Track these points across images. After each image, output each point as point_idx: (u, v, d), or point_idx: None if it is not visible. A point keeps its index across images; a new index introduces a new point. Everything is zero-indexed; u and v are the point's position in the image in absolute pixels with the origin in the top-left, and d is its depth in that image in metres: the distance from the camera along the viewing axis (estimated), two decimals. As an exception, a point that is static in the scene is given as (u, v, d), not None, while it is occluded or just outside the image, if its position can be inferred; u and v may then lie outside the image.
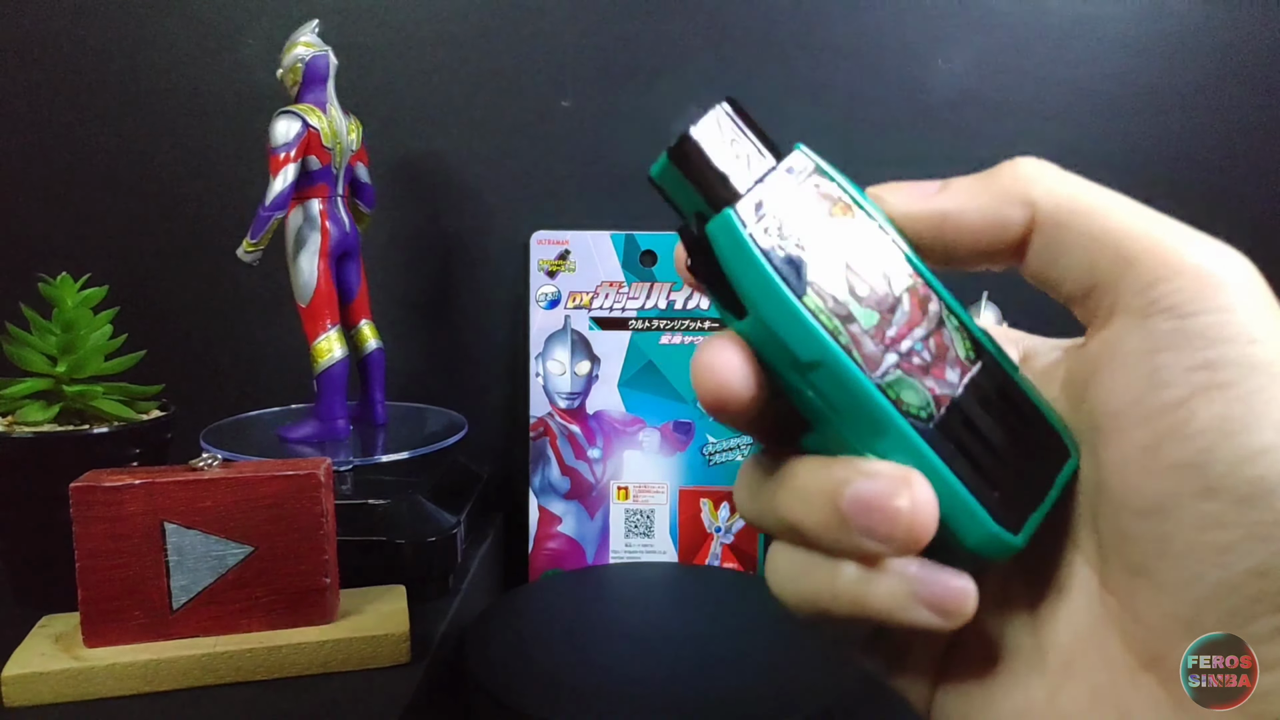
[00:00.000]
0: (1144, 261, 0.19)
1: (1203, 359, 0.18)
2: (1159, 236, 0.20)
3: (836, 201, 0.21)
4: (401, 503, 0.50)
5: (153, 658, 0.39)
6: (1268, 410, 0.18)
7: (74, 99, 0.68)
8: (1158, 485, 0.18)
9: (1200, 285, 0.19)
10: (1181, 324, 0.19)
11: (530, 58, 0.67)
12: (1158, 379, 0.19)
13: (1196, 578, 0.18)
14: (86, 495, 0.38)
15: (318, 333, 0.55)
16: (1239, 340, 0.18)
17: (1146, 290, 0.19)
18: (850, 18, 0.66)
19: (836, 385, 0.20)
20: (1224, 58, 0.65)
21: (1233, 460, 0.17)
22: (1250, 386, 0.18)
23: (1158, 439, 0.18)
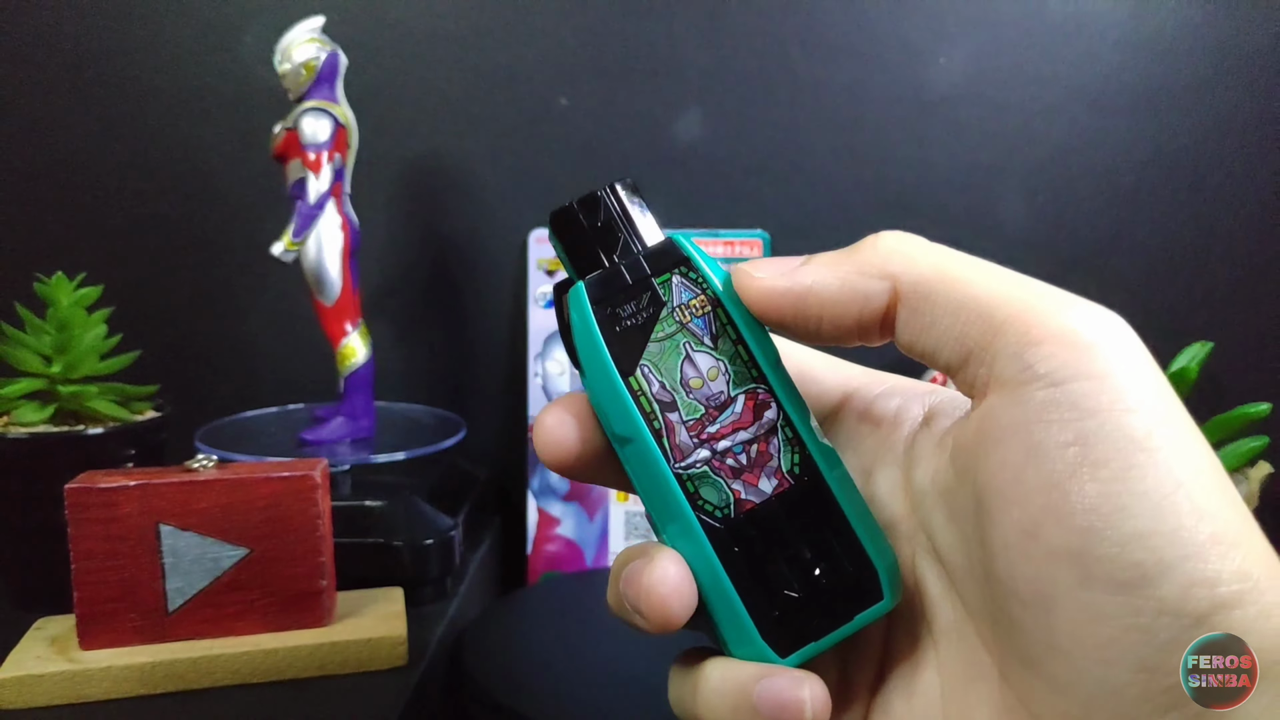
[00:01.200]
0: (1013, 327, 0.18)
1: (1076, 433, 0.17)
2: (1027, 301, 0.19)
3: (698, 295, 0.22)
4: (398, 505, 0.50)
5: (148, 660, 0.39)
6: (1144, 491, 0.17)
7: (69, 97, 0.68)
8: (1039, 572, 0.18)
9: (1072, 350, 0.18)
10: (1054, 392, 0.18)
11: (528, 56, 0.67)
12: (1034, 455, 0.18)
13: (1083, 675, 0.17)
14: (81, 496, 0.38)
15: (342, 334, 0.55)
16: (1114, 410, 0.17)
17: (1018, 357, 0.18)
18: (849, 16, 0.66)
19: (642, 464, 0.21)
20: (1219, 55, 0.65)
21: (1110, 546, 0.17)
22: (1125, 464, 0.17)
23: (1036, 522, 0.18)
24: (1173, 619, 0.16)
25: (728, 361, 0.21)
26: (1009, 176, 0.67)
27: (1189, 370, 0.55)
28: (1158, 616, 0.16)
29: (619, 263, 0.22)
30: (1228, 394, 0.58)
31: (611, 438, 0.21)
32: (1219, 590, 0.16)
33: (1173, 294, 0.67)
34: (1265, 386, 0.61)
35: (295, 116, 0.53)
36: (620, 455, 0.22)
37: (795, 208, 0.68)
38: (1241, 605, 0.16)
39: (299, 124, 0.53)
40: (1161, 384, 0.18)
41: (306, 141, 0.52)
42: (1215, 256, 0.67)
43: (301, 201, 0.52)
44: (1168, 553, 0.16)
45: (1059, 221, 0.67)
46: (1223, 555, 0.16)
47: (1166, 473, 0.17)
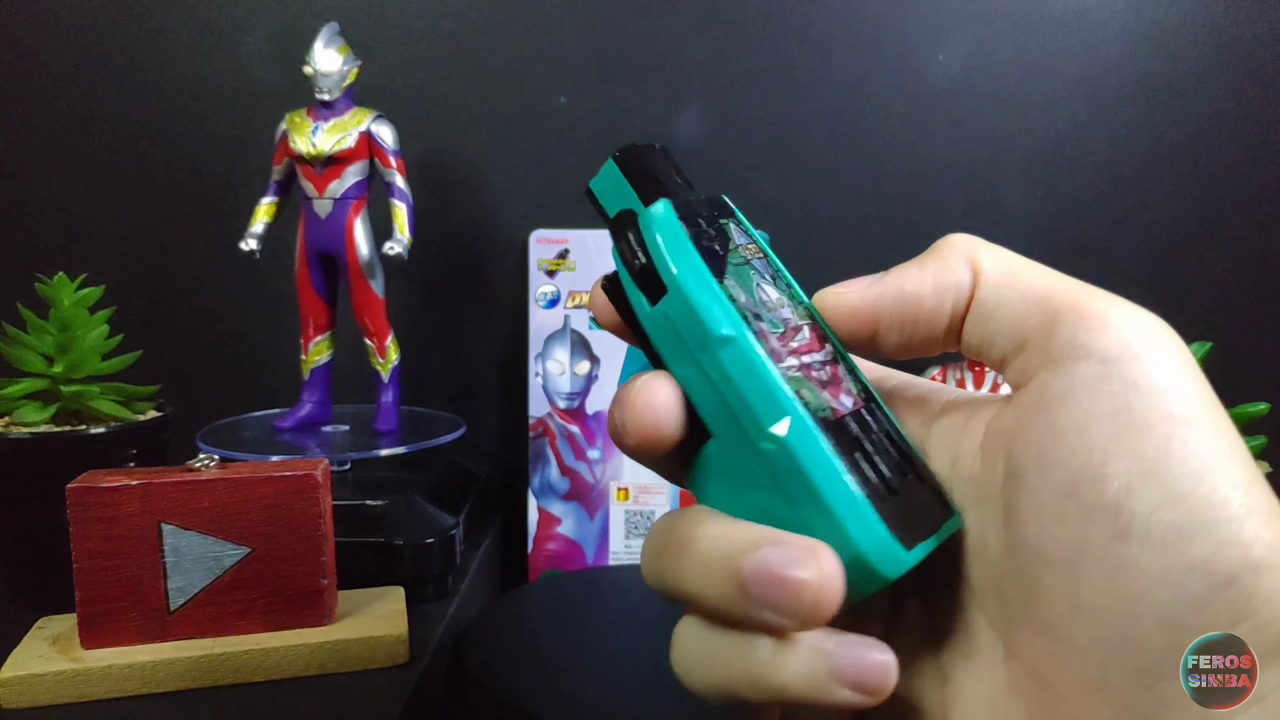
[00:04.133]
0: (1069, 314, 0.20)
1: (1123, 403, 0.18)
2: (1083, 295, 0.20)
3: (751, 242, 0.23)
4: (400, 504, 0.50)
5: (150, 659, 0.39)
6: (1184, 457, 0.18)
7: (71, 98, 0.68)
8: (1073, 530, 0.18)
9: (1123, 335, 0.19)
10: (1105, 368, 0.19)
11: (528, 55, 0.67)
12: (1079, 422, 0.19)
13: (1106, 632, 0.18)
14: (83, 496, 0.38)
15: (388, 329, 0.59)
16: (1158, 391, 0.18)
17: (1073, 338, 0.19)
18: (847, 10, 0.66)
19: (744, 364, 0.20)
20: (1219, 47, 0.65)
21: (1148, 505, 0.17)
22: (1168, 432, 0.18)
23: (1075, 482, 0.18)
24: (1203, 575, 0.17)
25: (787, 298, 0.23)
26: (1009, 169, 0.67)
27: (1188, 369, 0.55)
28: (1188, 572, 0.17)
29: (690, 195, 0.23)
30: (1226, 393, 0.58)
31: (701, 350, 0.20)
32: (1252, 552, 0.17)
33: (1172, 293, 0.67)
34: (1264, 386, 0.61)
35: (367, 123, 0.56)
36: (707, 373, 0.20)
37: (795, 203, 0.68)
38: (1271, 571, 0.17)
39: (377, 131, 0.56)
40: (1200, 377, 0.19)
41: (391, 147, 0.57)
42: (1214, 255, 0.67)
43: (406, 201, 0.57)
44: (1203, 514, 0.17)
45: (1059, 215, 0.67)
46: (1258, 524, 0.17)
47: (1206, 445, 0.18)
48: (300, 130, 0.55)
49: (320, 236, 0.56)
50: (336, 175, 0.55)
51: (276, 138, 0.56)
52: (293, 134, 0.55)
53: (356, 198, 0.56)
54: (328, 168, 0.55)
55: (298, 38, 0.57)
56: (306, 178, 0.55)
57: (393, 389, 0.59)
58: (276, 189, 0.57)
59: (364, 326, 0.58)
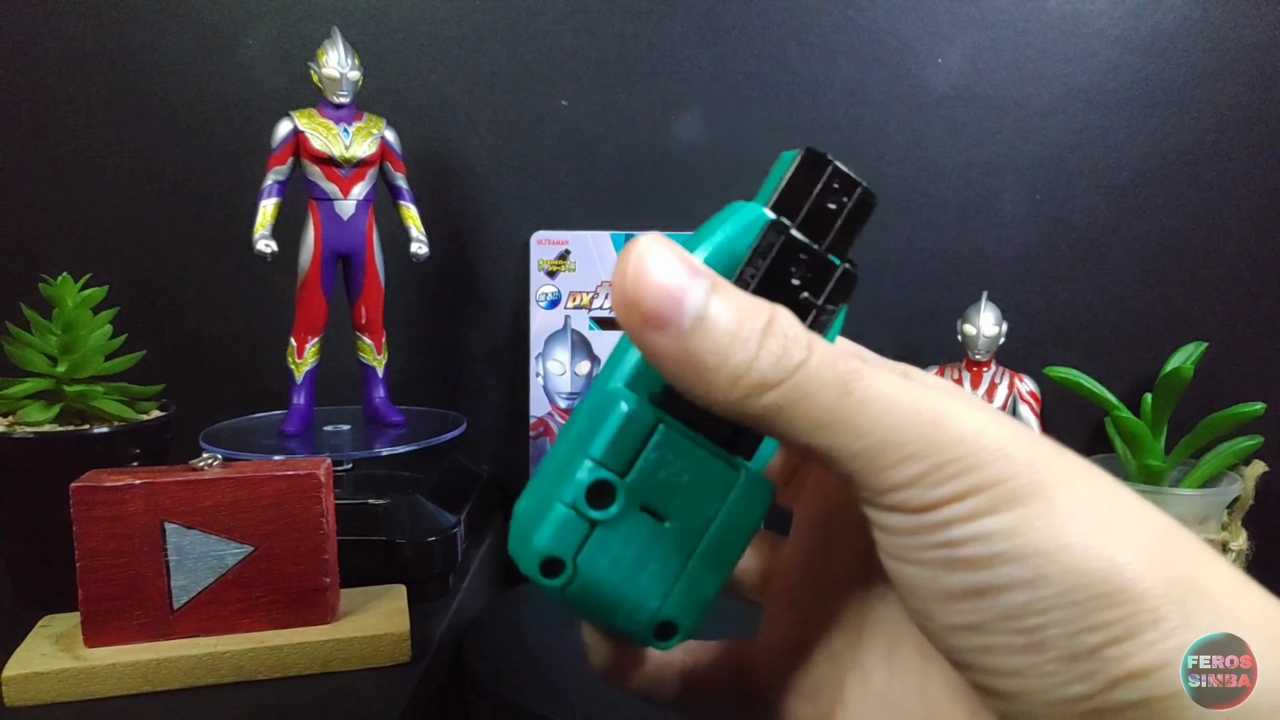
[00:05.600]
0: (864, 475, 0.18)
1: (941, 539, 0.18)
2: (873, 445, 0.18)
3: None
4: (401, 502, 0.50)
5: (153, 657, 0.39)
6: (1014, 571, 0.17)
7: (75, 100, 0.68)
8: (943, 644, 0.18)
9: (921, 488, 0.18)
10: (915, 520, 0.18)
11: (529, 58, 0.67)
12: (910, 559, 0.18)
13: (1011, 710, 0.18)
14: (87, 495, 0.39)
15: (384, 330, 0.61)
16: (976, 516, 0.17)
17: (874, 495, 0.18)
18: (847, 16, 0.66)
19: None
20: (1216, 52, 0.65)
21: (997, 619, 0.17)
22: (992, 552, 0.17)
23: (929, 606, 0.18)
24: (1068, 662, 0.17)
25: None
26: (1007, 175, 0.67)
27: (1184, 370, 0.55)
28: (1053, 664, 0.17)
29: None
30: (1223, 393, 0.58)
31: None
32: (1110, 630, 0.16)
33: (1168, 294, 0.67)
34: (1260, 386, 0.61)
35: (383, 129, 0.57)
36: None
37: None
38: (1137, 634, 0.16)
39: (390, 137, 0.58)
40: (1022, 451, 0.18)
41: (399, 151, 0.59)
42: (1211, 257, 0.67)
43: (414, 201, 0.59)
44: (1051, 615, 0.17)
45: (1057, 219, 0.67)
46: (1106, 604, 0.16)
47: (1034, 550, 0.17)
48: (329, 133, 0.55)
49: (340, 237, 0.57)
50: (361, 178, 0.57)
51: (281, 137, 0.55)
52: (316, 135, 0.55)
53: (372, 199, 0.58)
54: (355, 170, 0.56)
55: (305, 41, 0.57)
56: (330, 179, 0.56)
57: (385, 385, 0.60)
58: (281, 189, 0.56)
59: (368, 325, 0.59)
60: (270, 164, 0.55)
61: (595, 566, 0.20)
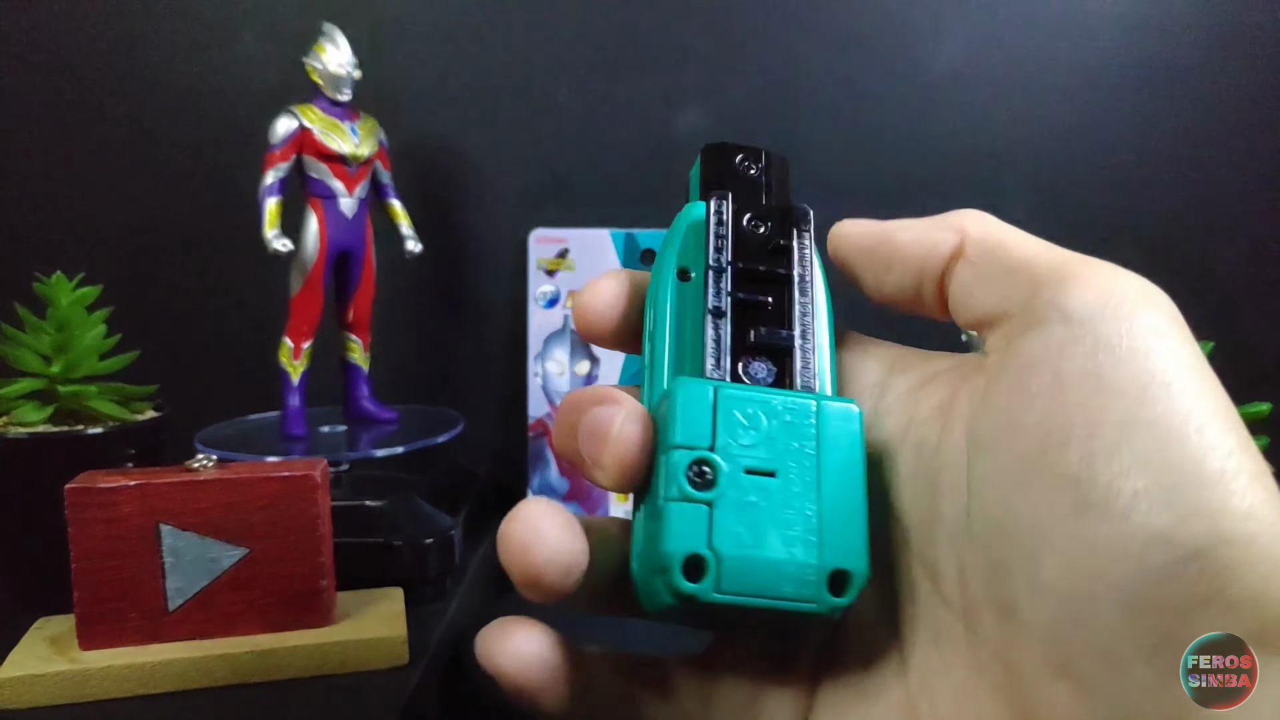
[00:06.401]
0: (1050, 279, 0.19)
1: (1094, 364, 0.17)
2: (1067, 259, 0.20)
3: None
4: (398, 504, 0.50)
5: (149, 660, 0.38)
6: (1153, 420, 0.16)
7: (68, 96, 0.68)
8: (1034, 502, 0.17)
9: (1100, 296, 0.18)
10: (1079, 328, 0.18)
11: (527, 51, 0.67)
12: (1046, 385, 0.18)
13: (1065, 614, 0.17)
14: (81, 496, 0.38)
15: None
16: (1133, 352, 0.17)
17: (1049, 301, 0.19)
18: (847, 2, 0.66)
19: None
20: (1221, 35, 0.65)
21: (1110, 472, 0.16)
22: (1138, 396, 0.17)
23: (1039, 450, 0.17)
24: (1165, 547, 0.16)
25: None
26: (1009, 160, 0.67)
27: (1189, 369, 0.55)
28: (1149, 545, 0.16)
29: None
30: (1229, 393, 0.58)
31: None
32: (1221, 524, 0.15)
33: (1174, 293, 0.67)
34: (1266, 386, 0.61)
35: (378, 129, 0.57)
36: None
37: (795, 196, 0.67)
38: (1245, 544, 0.15)
39: (383, 135, 0.58)
40: (1188, 339, 0.18)
41: (388, 148, 0.59)
42: (1217, 252, 0.67)
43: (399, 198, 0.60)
44: (1169, 479, 0.16)
45: (1060, 205, 0.67)
46: (1229, 491, 0.16)
47: (1180, 406, 0.17)
48: (337, 130, 0.55)
49: (343, 235, 0.56)
50: (364, 176, 0.57)
51: (286, 133, 0.54)
52: (325, 132, 0.54)
53: (368, 197, 0.58)
54: (360, 168, 0.56)
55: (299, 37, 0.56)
56: (337, 176, 0.55)
57: (369, 384, 0.60)
58: (284, 187, 0.55)
59: (358, 324, 0.59)
60: (272, 161, 0.54)
61: (736, 544, 0.19)
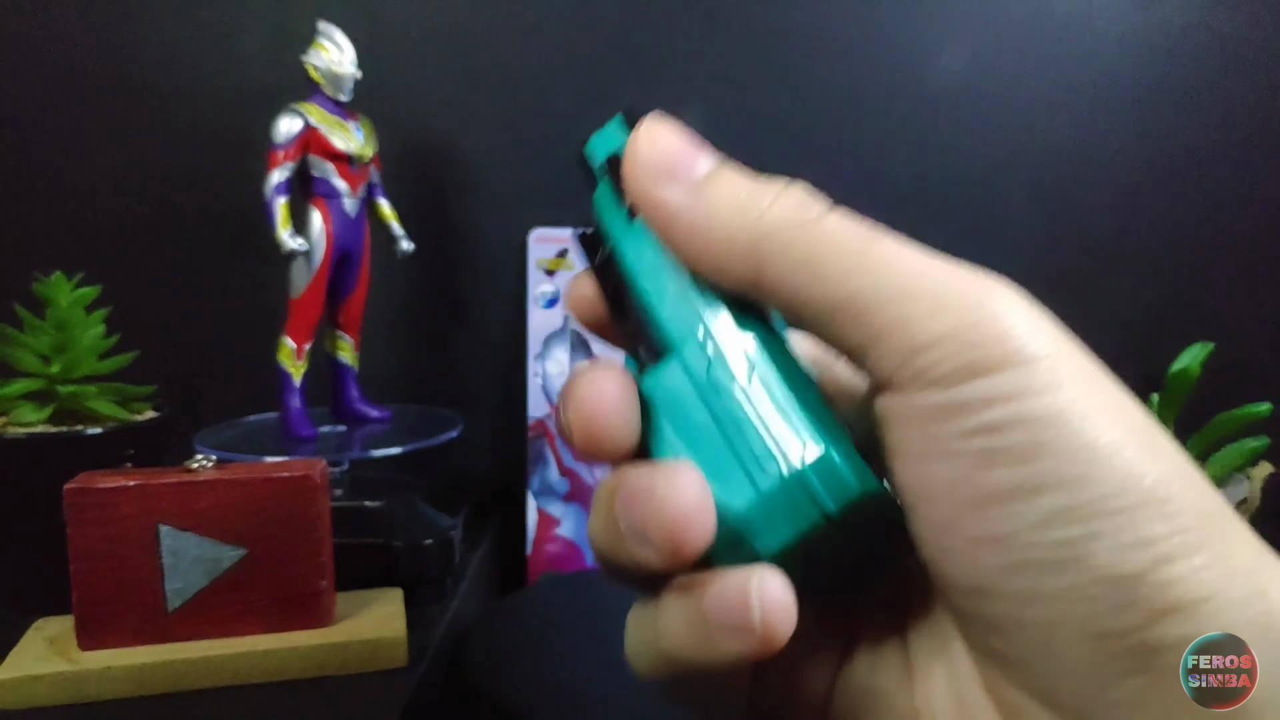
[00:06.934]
0: (892, 333, 0.17)
1: (977, 424, 0.16)
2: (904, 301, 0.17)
3: None
4: (398, 505, 0.49)
5: (147, 661, 0.38)
6: (1056, 466, 0.16)
7: (67, 97, 0.68)
8: (967, 564, 0.17)
9: (959, 348, 0.17)
10: (949, 394, 0.17)
11: (527, 53, 0.67)
12: (938, 454, 0.17)
13: (1033, 653, 0.17)
14: (80, 497, 0.38)
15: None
16: (1014, 397, 0.16)
17: (906, 364, 0.17)
18: (850, 12, 0.66)
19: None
20: (1223, 51, 0.65)
21: (1032, 528, 0.16)
22: (1033, 444, 0.16)
23: (953, 517, 0.17)
24: (1112, 585, 0.15)
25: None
26: (1011, 173, 0.67)
27: (1191, 370, 0.55)
28: (1093, 586, 0.16)
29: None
30: (1229, 394, 0.58)
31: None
32: (1156, 549, 0.15)
33: (1176, 293, 0.67)
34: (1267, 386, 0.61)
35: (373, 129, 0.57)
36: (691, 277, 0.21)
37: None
38: (1185, 558, 0.15)
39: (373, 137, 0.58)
40: (1064, 350, 0.17)
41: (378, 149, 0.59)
42: (1218, 256, 0.67)
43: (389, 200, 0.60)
44: (1094, 525, 0.16)
45: (1062, 219, 0.67)
46: (1153, 515, 0.16)
47: (1081, 444, 0.16)
48: (343, 129, 0.55)
49: (346, 234, 0.56)
50: (366, 175, 0.57)
51: (294, 132, 0.53)
52: (331, 131, 0.54)
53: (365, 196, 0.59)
54: (363, 167, 0.56)
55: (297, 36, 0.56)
56: (342, 176, 0.55)
57: (358, 383, 0.60)
58: (290, 186, 0.54)
59: (350, 323, 0.59)
60: (280, 159, 0.53)
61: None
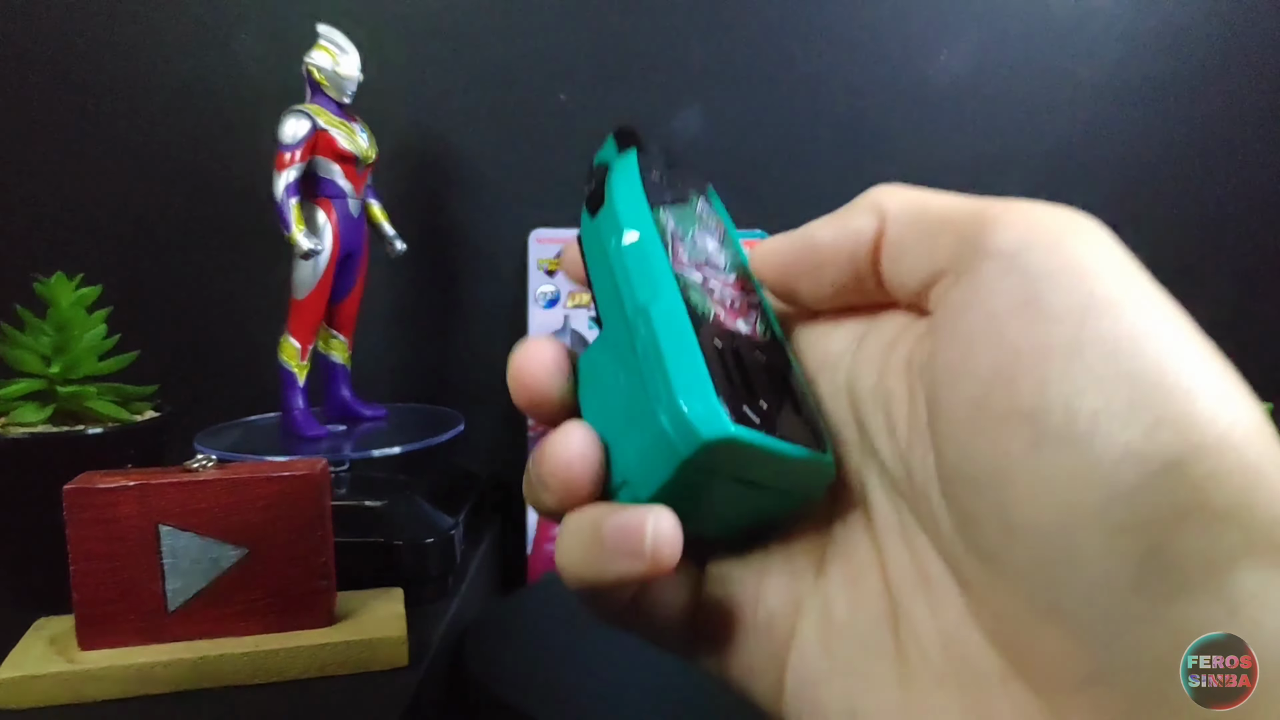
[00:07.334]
0: (971, 224, 0.18)
1: (1029, 294, 0.16)
2: (986, 203, 0.19)
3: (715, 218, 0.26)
4: (399, 504, 0.49)
5: (148, 661, 0.38)
6: (1101, 338, 0.16)
7: (68, 97, 0.68)
8: (991, 444, 0.16)
9: (1025, 228, 0.17)
10: (1008, 262, 0.17)
11: (528, 53, 0.67)
12: (987, 323, 0.17)
13: (1044, 552, 0.16)
14: (80, 497, 0.38)
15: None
16: (1068, 271, 0.16)
17: (976, 245, 0.18)
18: (849, 10, 0.66)
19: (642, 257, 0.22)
20: (1224, 47, 0.65)
21: (1063, 396, 0.15)
22: (1080, 317, 0.16)
23: (987, 388, 0.16)
24: (1135, 463, 0.15)
25: (729, 256, 0.24)
26: (1013, 170, 0.67)
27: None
28: (1118, 463, 0.15)
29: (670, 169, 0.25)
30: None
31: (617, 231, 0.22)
32: (1189, 433, 0.15)
33: (1176, 293, 0.67)
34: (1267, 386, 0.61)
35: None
36: (616, 253, 0.22)
37: (796, 205, 0.67)
38: (1220, 452, 0.15)
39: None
40: (1121, 255, 0.17)
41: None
42: (1220, 254, 0.67)
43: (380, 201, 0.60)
44: (1126, 393, 0.15)
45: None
46: (1192, 397, 0.15)
47: (1127, 320, 0.16)
48: (349, 131, 0.55)
49: (350, 235, 0.57)
50: (367, 177, 0.57)
51: (303, 134, 0.53)
52: (339, 133, 0.55)
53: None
54: (365, 169, 0.57)
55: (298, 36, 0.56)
56: (348, 177, 0.56)
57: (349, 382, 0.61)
58: (299, 187, 0.54)
59: (345, 323, 0.59)
60: (290, 160, 0.53)
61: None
